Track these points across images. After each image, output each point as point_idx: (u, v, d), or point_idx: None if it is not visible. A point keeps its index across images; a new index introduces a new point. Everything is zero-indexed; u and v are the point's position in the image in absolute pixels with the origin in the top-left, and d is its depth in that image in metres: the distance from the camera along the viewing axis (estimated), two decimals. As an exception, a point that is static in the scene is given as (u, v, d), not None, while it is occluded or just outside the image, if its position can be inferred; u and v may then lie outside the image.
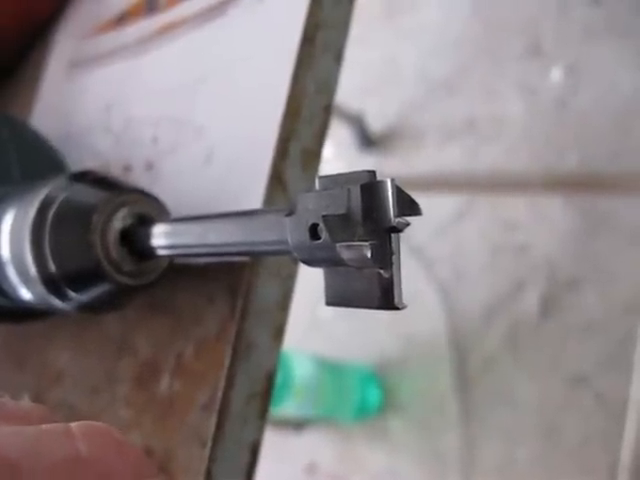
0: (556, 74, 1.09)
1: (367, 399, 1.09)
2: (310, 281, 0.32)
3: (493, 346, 1.03)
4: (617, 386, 0.92)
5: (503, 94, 1.13)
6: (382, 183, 0.19)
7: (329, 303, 0.21)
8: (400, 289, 0.19)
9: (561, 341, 0.99)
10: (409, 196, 0.19)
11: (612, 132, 1.02)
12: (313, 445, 1.15)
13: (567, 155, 1.05)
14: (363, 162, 1.24)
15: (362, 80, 1.25)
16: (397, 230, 0.19)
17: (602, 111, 1.04)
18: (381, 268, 0.19)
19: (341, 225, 0.19)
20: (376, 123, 1.24)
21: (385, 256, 0.19)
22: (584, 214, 1.01)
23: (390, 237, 0.19)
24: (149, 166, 0.38)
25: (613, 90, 1.03)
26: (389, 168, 1.22)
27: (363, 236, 0.19)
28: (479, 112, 1.15)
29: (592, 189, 1.02)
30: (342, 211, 0.19)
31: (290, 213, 0.21)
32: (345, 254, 0.19)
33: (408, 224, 0.19)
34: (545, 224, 1.04)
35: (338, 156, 1.26)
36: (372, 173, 0.20)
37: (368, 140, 1.24)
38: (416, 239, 1.11)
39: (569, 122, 1.07)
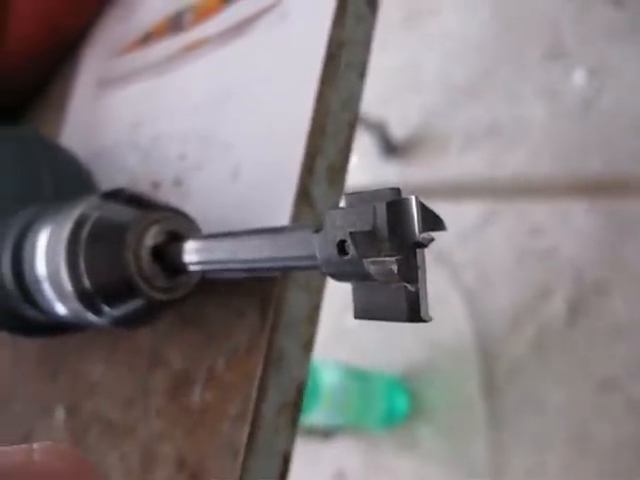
0: (579, 76, 1.09)
1: (394, 407, 1.09)
2: (336, 291, 0.33)
3: (520, 351, 1.03)
4: (647, 390, 0.91)
5: (525, 98, 1.13)
6: (407, 200, 0.19)
7: (358, 317, 0.22)
8: (426, 302, 0.20)
9: (589, 345, 0.98)
10: (433, 212, 0.20)
11: (636, 134, 1.01)
12: (341, 453, 1.15)
13: (591, 158, 1.04)
14: (386, 170, 1.24)
15: (383, 87, 1.26)
16: (422, 245, 0.19)
17: (626, 113, 1.03)
18: (407, 282, 0.20)
19: (368, 241, 0.20)
20: (398, 130, 1.24)
21: (411, 271, 0.20)
22: (609, 217, 1.00)
23: (415, 252, 0.20)
24: (177, 182, 0.39)
25: (636, 91, 1.03)
26: (412, 175, 1.22)
27: (389, 252, 0.20)
28: (502, 117, 1.14)
29: (616, 192, 1.02)
30: (368, 228, 0.20)
31: (318, 230, 0.22)
32: (372, 269, 0.20)
33: (433, 239, 0.19)
34: (570, 228, 1.03)
35: (361, 164, 1.27)
36: (397, 190, 0.20)
37: (391, 147, 1.24)
38: (441, 245, 1.11)
39: (592, 125, 1.06)
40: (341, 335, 1.17)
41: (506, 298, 1.06)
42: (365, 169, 1.27)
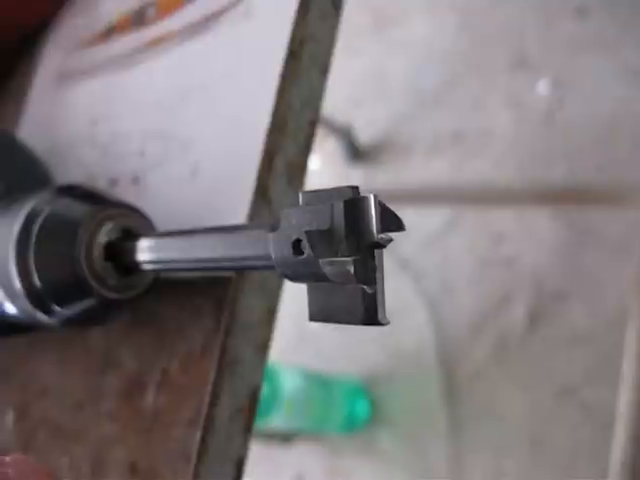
0: (543, 87, 1.10)
1: (355, 412, 1.09)
2: (298, 294, 0.33)
3: (481, 358, 1.03)
4: (604, 397, 0.92)
5: (491, 107, 1.14)
6: (365, 199, 0.19)
7: (313, 319, 0.21)
8: (384, 305, 0.19)
9: (548, 353, 0.99)
10: (392, 212, 0.19)
11: (598, 144, 1.03)
12: (301, 458, 1.14)
13: (554, 167, 1.05)
14: (351, 174, 1.24)
15: (350, 92, 1.26)
16: (380, 246, 0.19)
17: (588, 124, 1.05)
18: (364, 284, 0.19)
19: (324, 241, 0.19)
20: (364, 135, 1.24)
21: (368, 272, 0.19)
22: (570, 226, 1.01)
23: (373, 253, 0.19)
24: (135, 180, 0.38)
25: (599, 102, 1.04)
26: (377, 180, 1.22)
27: (346, 252, 0.19)
28: (467, 125, 1.15)
29: (578, 201, 1.03)
30: (325, 227, 0.19)
31: (274, 228, 0.21)
32: (328, 270, 0.19)
33: (391, 240, 0.19)
34: (532, 236, 1.04)
35: (326, 168, 1.26)
36: (355, 189, 0.20)
37: (356, 152, 1.24)
38: (404, 252, 1.11)
39: (556, 135, 1.07)
40: (303, 340, 1.16)
41: (467, 305, 1.07)
42: (330, 174, 1.26)
